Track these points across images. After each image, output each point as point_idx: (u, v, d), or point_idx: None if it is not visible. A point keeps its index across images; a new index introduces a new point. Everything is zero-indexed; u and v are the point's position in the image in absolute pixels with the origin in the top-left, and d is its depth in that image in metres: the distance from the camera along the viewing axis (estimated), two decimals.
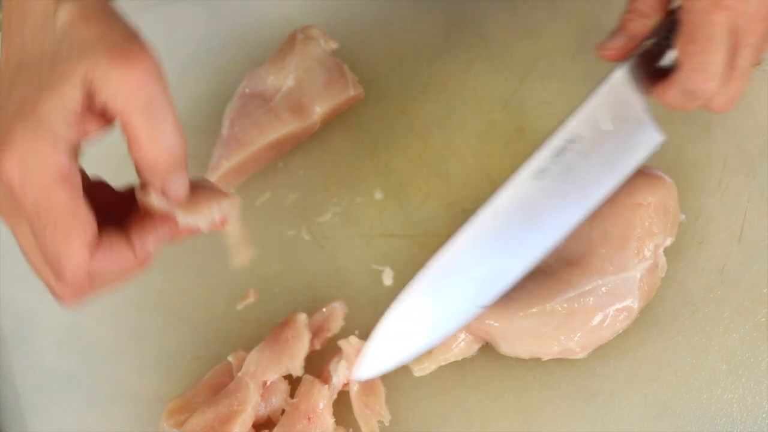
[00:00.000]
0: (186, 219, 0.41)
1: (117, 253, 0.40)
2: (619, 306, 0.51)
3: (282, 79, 0.61)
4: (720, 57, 0.46)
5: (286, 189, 0.61)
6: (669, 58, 0.49)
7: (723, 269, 0.56)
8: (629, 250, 0.52)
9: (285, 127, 0.60)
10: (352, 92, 0.62)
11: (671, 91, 0.48)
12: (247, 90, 0.62)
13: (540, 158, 0.49)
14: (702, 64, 0.46)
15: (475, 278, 0.49)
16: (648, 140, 0.50)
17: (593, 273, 0.51)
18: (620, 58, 0.51)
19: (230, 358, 0.53)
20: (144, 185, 0.41)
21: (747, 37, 0.46)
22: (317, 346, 0.53)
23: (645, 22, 0.50)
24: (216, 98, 0.65)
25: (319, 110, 0.61)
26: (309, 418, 0.50)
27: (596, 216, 0.53)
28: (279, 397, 0.52)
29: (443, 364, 0.53)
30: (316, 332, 0.53)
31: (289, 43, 0.63)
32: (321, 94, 0.61)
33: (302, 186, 0.61)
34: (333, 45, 0.63)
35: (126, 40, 0.38)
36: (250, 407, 0.50)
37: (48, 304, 0.58)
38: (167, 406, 0.51)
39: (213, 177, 0.59)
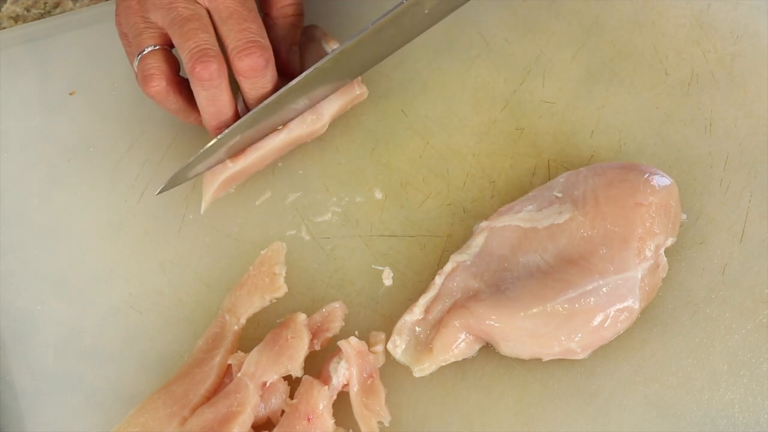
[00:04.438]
0: None
1: None
2: (620, 306, 0.51)
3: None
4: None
5: (286, 189, 0.61)
6: None
7: (724, 269, 0.55)
8: (630, 250, 0.52)
9: (291, 132, 0.60)
10: (357, 91, 0.61)
11: None
12: None
13: None
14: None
15: None
16: None
17: (594, 273, 0.51)
18: None
19: (230, 359, 0.53)
20: None
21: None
22: (317, 347, 0.53)
23: None
24: None
25: (327, 110, 0.60)
26: (309, 419, 0.50)
27: (597, 216, 0.53)
28: (278, 398, 0.51)
29: (443, 364, 0.53)
30: (315, 332, 0.53)
31: None
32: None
33: (302, 186, 0.61)
34: (333, 45, 0.63)
35: None
36: (250, 408, 0.50)
37: (47, 304, 0.59)
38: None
39: (217, 181, 0.58)
